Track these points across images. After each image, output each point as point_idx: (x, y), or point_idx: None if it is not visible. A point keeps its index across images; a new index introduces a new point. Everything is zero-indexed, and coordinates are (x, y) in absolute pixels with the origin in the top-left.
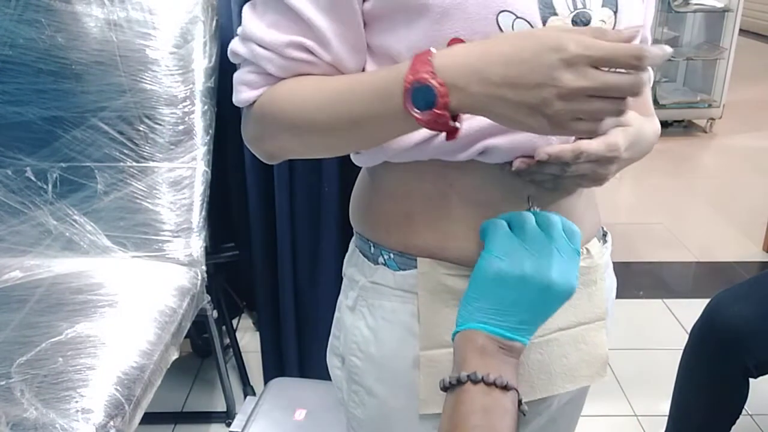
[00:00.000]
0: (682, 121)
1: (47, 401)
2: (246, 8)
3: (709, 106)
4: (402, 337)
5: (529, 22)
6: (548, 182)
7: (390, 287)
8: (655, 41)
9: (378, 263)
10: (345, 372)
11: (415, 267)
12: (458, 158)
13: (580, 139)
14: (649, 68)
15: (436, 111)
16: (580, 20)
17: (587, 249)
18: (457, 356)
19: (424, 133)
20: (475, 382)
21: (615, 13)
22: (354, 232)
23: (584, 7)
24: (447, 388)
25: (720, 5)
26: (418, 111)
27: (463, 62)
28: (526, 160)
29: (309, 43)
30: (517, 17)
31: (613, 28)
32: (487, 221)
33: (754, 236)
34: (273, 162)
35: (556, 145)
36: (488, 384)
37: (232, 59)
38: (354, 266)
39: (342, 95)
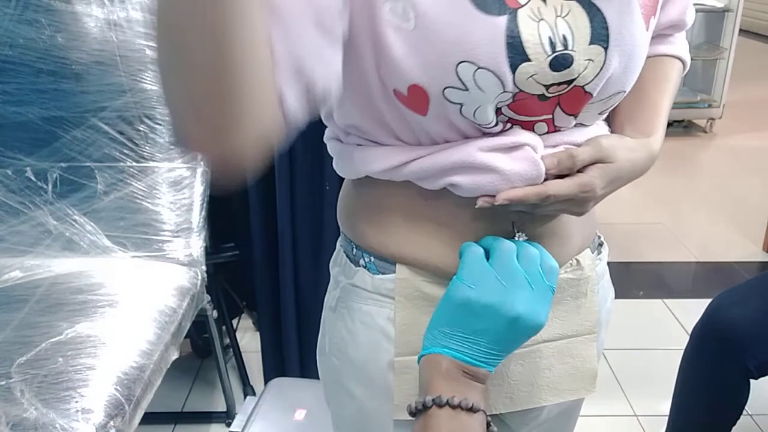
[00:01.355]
0: (682, 121)
1: (47, 401)
2: None
3: (709, 106)
4: (377, 341)
5: (493, 72)
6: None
7: (368, 290)
8: None
9: (359, 265)
10: (328, 371)
11: (394, 272)
12: (429, 187)
13: (552, 178)
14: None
15: None
16: (560, 64)
17: (577, 260)
18: (422, 380)
19: (398, 158)
20: (441, 405)
21: (605, 49)
22: (340, 231)
23: (566, 49)
24: (414, 413)
25: (720, 5)
26: None
27: None
28: (489, 200)
29: None
30: (479, 67)
31: (603, 66)
32: (465, 245)
33: (754, 236)
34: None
35: (518, 189)
36: (453, 407)
37: None
38: (338, 266)
39: None
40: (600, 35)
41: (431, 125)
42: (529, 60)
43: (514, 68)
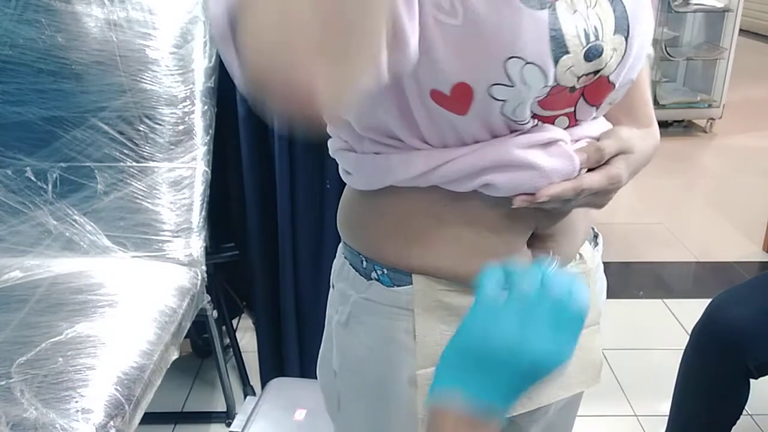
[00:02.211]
0: (682, 121)
1: (47, 401)
2: None
3: (709, 106)
4: (397, 355)
5: (539, 67)
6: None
7: (383, 304)
8: (655, 41)
9: (371, 278)
10: (338, 387)
11: (409, 283)
12: (459, 190)
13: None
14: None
15: None
16: (593, 54)
17: (580, 254)
18: (432, 427)
19: (428, 163)
20: None
21: (626, 38)
22: (342, 242)
23: (597, 39)
24: None
25: (720, 5)
26: None
27: None
28: (527, 198)
29: None
30: (527, 62)
31: (624, 55)
32: (485, 272)
33: (754, 236)
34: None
35: (557, 185)
36: None
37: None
38: (345, 280)
39: None
40: (622, 25)
41: (466, 125)
42: (568, 52)
43: (556, 61)
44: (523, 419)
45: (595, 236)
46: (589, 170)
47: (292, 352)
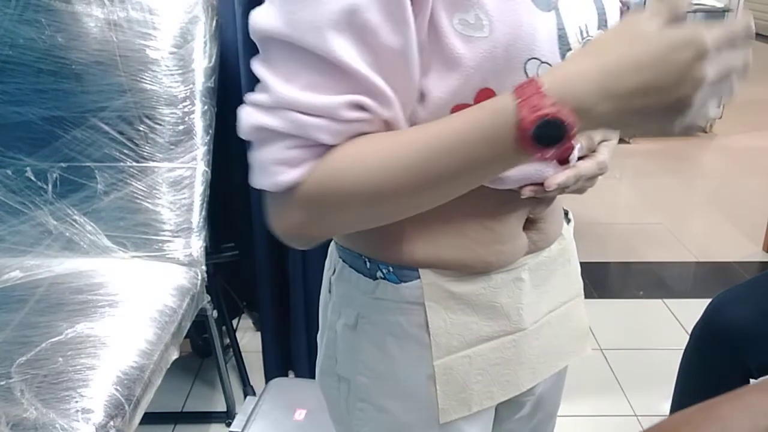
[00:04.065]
0: None
1: (47, 401)
2: (259, 68)
3: None
4: (412, 351)
5: (550, 65)
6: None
7: (393, 301)
8: None
9: (377, 278)
10: (346, 391)
11: (417, 278)
12: None
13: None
14: None
15: (566, 143)
16: None
17: (562, 234)
18: None
19: None
20: None
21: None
22: (336, 246)
23: (588, 35)
24: None
25: (720, 5)
26: (544, 147)
27: (583, 85)
28: (534, 189)
29: (368, 101)
30: (542, 62)
31: None
32: None
33: (754, 236)
34: (309, 247)
35: (561, 174)
36: None
37: (251, 136)
38: (347, 283)
39: (433, 150)
40: (602, 21)
41: None
42: (570, 49)
43: (563, 58)
44: (524, 394)
45: (566, 213)
46: (579, 158)
47: (293, 352)
